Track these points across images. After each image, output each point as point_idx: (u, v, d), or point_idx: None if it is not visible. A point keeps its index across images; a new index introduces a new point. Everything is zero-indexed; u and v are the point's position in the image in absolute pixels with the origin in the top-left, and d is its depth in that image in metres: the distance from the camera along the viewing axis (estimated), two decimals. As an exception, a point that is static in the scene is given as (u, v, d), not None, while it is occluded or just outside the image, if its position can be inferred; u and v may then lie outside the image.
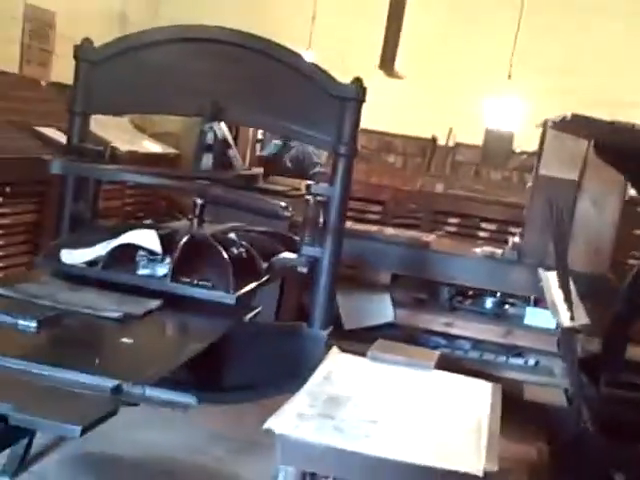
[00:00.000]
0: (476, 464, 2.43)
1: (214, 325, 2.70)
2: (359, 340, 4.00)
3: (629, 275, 3.58)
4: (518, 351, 4.73)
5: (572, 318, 3.18)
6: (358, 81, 2.99)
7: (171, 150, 6.07)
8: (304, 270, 3.16)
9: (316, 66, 3.07)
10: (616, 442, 2.70)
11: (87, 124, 3.27)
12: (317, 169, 6.17)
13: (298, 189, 4.72)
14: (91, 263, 2.93)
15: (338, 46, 6.60)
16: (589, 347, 3.84)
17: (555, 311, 3.27)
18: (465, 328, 4.76)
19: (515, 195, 5.90)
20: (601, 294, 4.06)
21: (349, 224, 5.28)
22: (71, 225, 3.37)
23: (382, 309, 4.85)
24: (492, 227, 6.09)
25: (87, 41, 3.18)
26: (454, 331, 4.72)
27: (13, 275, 3.71)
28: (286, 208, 2.69)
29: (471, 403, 2.99)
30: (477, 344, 4.81)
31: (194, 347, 2.39)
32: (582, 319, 3.29)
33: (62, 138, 4.09)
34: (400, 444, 2.54)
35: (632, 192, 4.59)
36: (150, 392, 1.85)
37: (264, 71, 3.03)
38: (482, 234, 6.11)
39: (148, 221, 3.23)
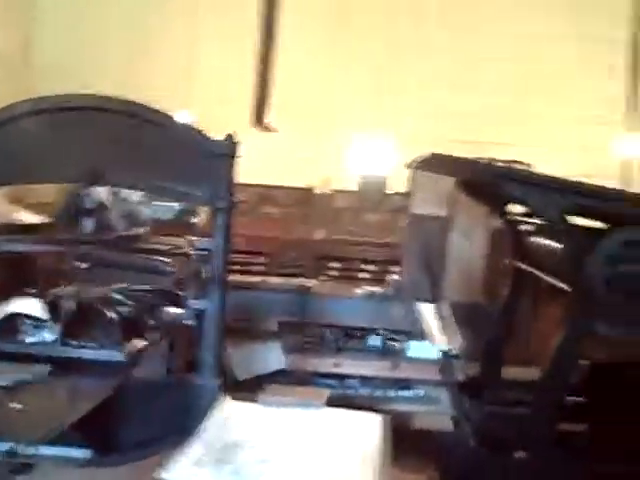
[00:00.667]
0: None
1: (103, 383, 2.74)
2: (251, 390, 4.07)
3: (499, 301, 3.83)
4: (406, 384, 4.91)
5: (448, 344, 3.39)
6: (229, 137, 3.14)
7: (47, 219, 6.00)
8: (191, 323, 3.24)
9: (188, 126, 3.21)
10: (496, 454, 2.89)
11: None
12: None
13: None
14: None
15: (215, 105, 6.81)
16: (469, 371, 4.06)
17: (432, 339, 3.48)
18: (353, 366, 4.91)
19: (393, 235, 6.17)
20: (476, 320, 4.32)
21: (234, 277, 5.43)
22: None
23: (272, 357, 4.95)
24: (373, 268, 6.34)
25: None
26: (343, 370, 4.85)
27: None
28: (169, 264, 2.79)
29: (361, 436, 3.13)
30: (366, 381, 4.96)
31: (84, 406, 2.44)
32: (457, 344, 3.52)
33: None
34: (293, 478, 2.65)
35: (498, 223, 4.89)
36: (44, 450, 1.89)
37: (138, 134, 3.13)
38: (364, 275, 6.34)
39: (33, 290, 3.22)
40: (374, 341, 5.08)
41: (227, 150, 3.13)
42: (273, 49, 4.74)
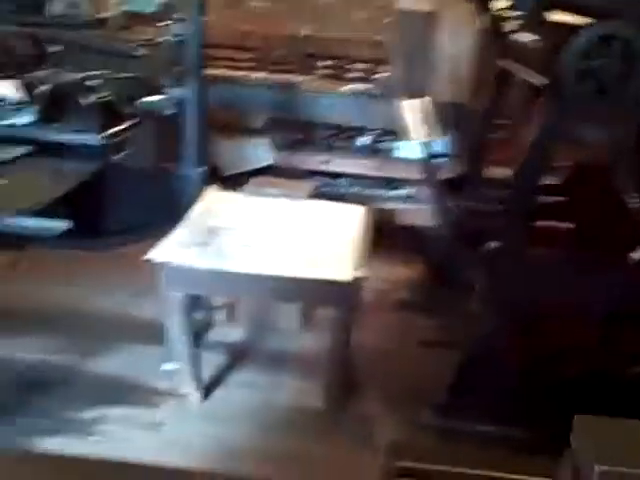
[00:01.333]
0: (345, 272, 2.67)
1: (84, 166, 2.76)
2: (238, 183, 4.11)
3: (484, 101, 3.80)
4: (394, 183, 4.96)
5: (427, 137, 3.40)
6: None
7: None
8: (170, 112, 3.21)
9: None
10: (470, 246, 2.99)
11: None
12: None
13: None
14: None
15: None
16: (451, 169, 4.11)
17: (411, 134, 3.48)
18: (342, 164, 4.93)
19: (384, 33, 5.97)
20: (461, 120, 4.31)
21: (221, 71, 5.32)
22: None
23: (261, 153, 4.96)
24: (363, 66, 6.17)
25: None
26: (332, 168, 4.89)
27: None
28: (139, 47, 2.71)
29: (343, 224, 3.20)
30: (355, 180, 5.02)
31: (65, 183, 2.47)
32: (437, 137, 3.52)
33: None
34: (273, 262, 2.74)
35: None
36: (24, 221, 1.93)
37: None
38: (353, 75, 6.19)
39: (10, 72, 3.15)
40: (363, 140, 5.07)
41: None
42: None
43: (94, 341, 3.16)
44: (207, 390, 2.91)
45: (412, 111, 3.48)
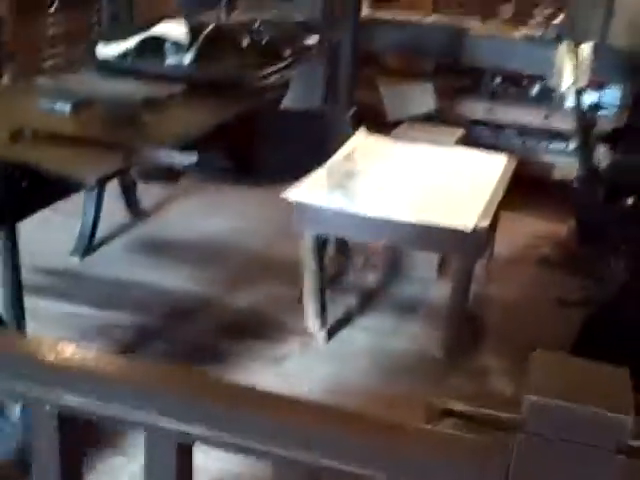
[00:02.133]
0: (468, 221, 2.68)
1: (237, 105, 2.92)
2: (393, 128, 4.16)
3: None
4: (558, 137, 4.77)
5: (575, 83, 3.25)
6: None
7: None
8: (326, 54, 3.31)
9: None
10: (613, 200, 2.87)
11: None
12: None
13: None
14: (124, 55, 3.17)
15: None
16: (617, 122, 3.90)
17: (559, 76, 3.34)
18: (506, 113, 4.81)
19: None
20: (635, 70, 4.05)
21: (392, 13, 5.31)
22: (110, 25, 3.61)
23: (424, 98, 4.94)
24: (548, 10, 5.91)
25: None
26: (495, 117, 4.78)
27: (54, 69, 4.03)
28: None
29: (482, 173, 3.18)
30: (517, 131, 4.87)
31: (218, 118, 2.65)
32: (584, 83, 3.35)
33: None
34: (401, 207, 2.80)
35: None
36: (158, 153, 2.13)
37: None
38: (538, 18, 5.95)
39: (181, 14, 3.39)
40: (532, 88, 4.90)
41: None
42: None
43: (235, 274, 3.38)
44: (332, 330, 3.03)
45: (569, 56, 3.34)
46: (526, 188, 3.47)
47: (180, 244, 3.59)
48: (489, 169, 3.20)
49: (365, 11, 5.43)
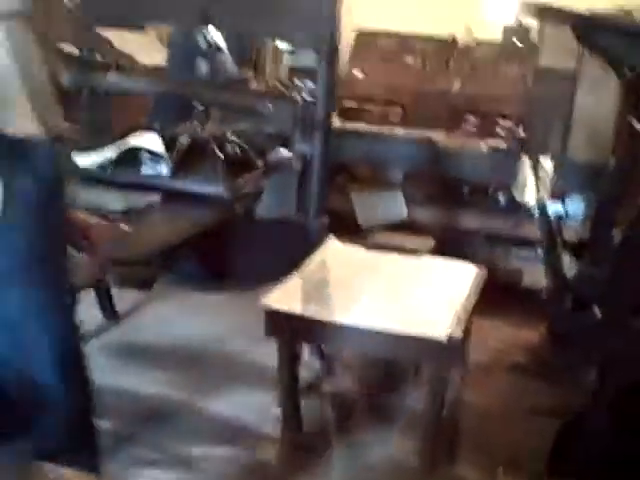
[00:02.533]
0: (441, 330, 2.70)
1: (209, 215, 2.98)
2: (364, 235, 4.24)
3: (615, 161, 3.70)
4: (525, 244, 4.88)
5: (538, 196, 3.37)
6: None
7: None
8: (297, 166, 3.40)
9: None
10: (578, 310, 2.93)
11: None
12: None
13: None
14: (101, 165, 3.23)
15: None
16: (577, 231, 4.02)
17: (523, 189, 3.46)
18: (475, 221, 4.93)
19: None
20: (596, 181, 4.20)
21: (362, 125, 5.50)
22: (89, 134, 3.68)
23: (394, 206, 5.06)
24: (509, 123, 6.16)
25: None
26: (465, 225, 4.90)
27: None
28: (266, 106, 2.92)
29: (454, 282, 3.23)
30: (490, 239, 4.98)
31: (189, 231, 2.70)
32: (550, 196, 3.47)
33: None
34: (374, 315, 2.83)
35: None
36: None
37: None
38: (501, 131, 6.19)
39: (156, 126, 3.48)
40: (500, 197, 5.04)
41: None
42: None
43: (211, 380, 3.36)
44: (306, 437, 2.99)
45: (531, 170, 3.47)
46: (496, 294, 3.52)
47: (155, 349, 3.57)
48: (460, 278, 3.26)
49: (336, 122, 5.64)
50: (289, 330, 2.89)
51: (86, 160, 3.26)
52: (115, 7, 3.40)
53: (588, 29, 2.79)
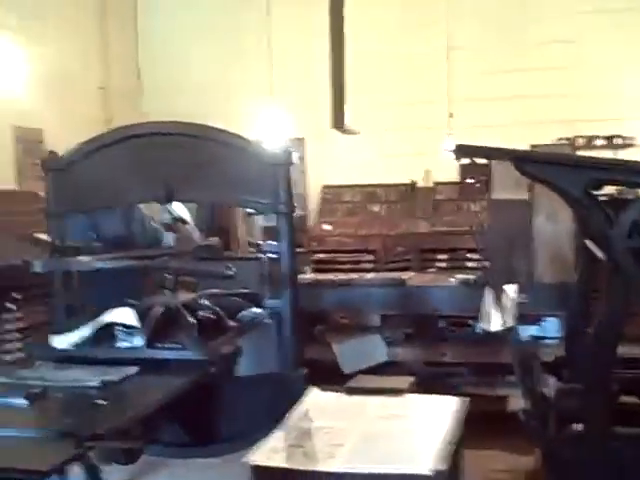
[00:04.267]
0: (426, 466, 2.71)
1: (185, 380, 3.02)
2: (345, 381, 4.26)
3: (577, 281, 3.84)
4: (509, 370, 4.92)
5: (503, 324, 3.46)
6: (284, 147, 3.38)
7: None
8: (269, 321, 3.49)
9: (248, 140, 3.47)
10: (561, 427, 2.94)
11: (64, 224, 3.69)
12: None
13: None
14: (77, 344, 3.30)
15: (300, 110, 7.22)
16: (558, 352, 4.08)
17: (487, 319, 3.56)
18: (456, 354, 5.00)
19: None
20: (564, 301, 4.32)
21: (333, 275, 5.67)
22: (66, 314, 3.79)
23: (375, 350, 5.13)
24: (477, 257, 6.37)
25: (52, 153, 3.63)
26: (445, 358, 4.97)
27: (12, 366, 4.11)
28: (229, 268, 3.05)
29: (435, 417, 3.26)
30: (472, 367, 5.03)
31: (161, 399, 2.74)
32: (506, 326, 3.57)
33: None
34: (360, 459, 2.83)
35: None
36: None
37: (205, 153, 3.43)
38: (470, 264, 6.39)
39: (130, 300, 3.58)
40: (477, 328, 5.13)
41: (283, 159, 3.36)
42: (344, 54, 4.95)
43: None
44: None
45: (492, 300, 3.59)
46: (485, 424, 3.53)
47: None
48: (442, 411, 3.29)
49: (309, 275, 5.80)
50: (274, 485, 2.88)
51: (62, 341, 3.33)
52: (83, 196, 3.58)
53: (525, 163, 2.97)
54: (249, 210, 7.22)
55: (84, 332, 3.34)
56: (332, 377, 4.31)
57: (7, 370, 3.25)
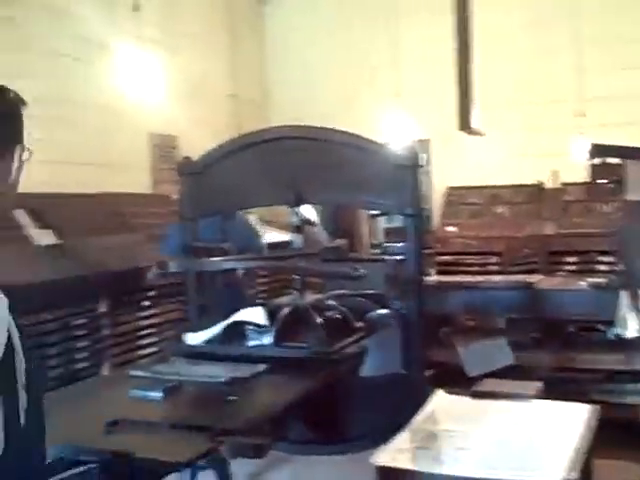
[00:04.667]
0: (555, 475, 2.64)
1: (312, 380, 3.09)
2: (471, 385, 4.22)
3: None
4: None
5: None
6: (411, 149, 3.38)
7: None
8: (394, 322, 3.51)
9: (375, 142, 3.50)
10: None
11: (197, 226, 3.85)
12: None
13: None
14: (210, 341, 3.44)
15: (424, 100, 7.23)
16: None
17: (624, 324, 3.42)
18: (586, 360, 4.84)
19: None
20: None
21: (459, 278, 5.61)
22: (199, 313, 3.95)
23: (501, 354, 5.03)
24: (609, 259, 6.14)
25: (186, 158, 3.80)
26: (573, 364, 4.81)
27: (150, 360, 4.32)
28: (356, 269, 3.09)
29: (565, 425, 3.17)
30: (603, 373, 4.86)
31: (288, 398, 2.80)
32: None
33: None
34: (487, 464, 2.80)
35: None
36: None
37: (332, 155, 3.49)
38: (601, 267, 6.16)
39: (261, 300, 3.71)
40: (608, 333, 4.95)
41: (410, 161, 3.37)
42: (470, 55, 4.89)
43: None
44: None
45: (631, 305, 3.45)
46: (616, 433, 3.40)
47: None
48: (572, 419, 3.20)
49: (433, 277, 5.76)
50: (401, 486, 2.89)
51: (195, 338, 3.48)
52: (215, 199, 3.73)
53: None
54: (373, 212, 7.29)
55: (216, 330, 3.47)
56: (457, 380, 4.27)
57: (145, 365, 3.44)
